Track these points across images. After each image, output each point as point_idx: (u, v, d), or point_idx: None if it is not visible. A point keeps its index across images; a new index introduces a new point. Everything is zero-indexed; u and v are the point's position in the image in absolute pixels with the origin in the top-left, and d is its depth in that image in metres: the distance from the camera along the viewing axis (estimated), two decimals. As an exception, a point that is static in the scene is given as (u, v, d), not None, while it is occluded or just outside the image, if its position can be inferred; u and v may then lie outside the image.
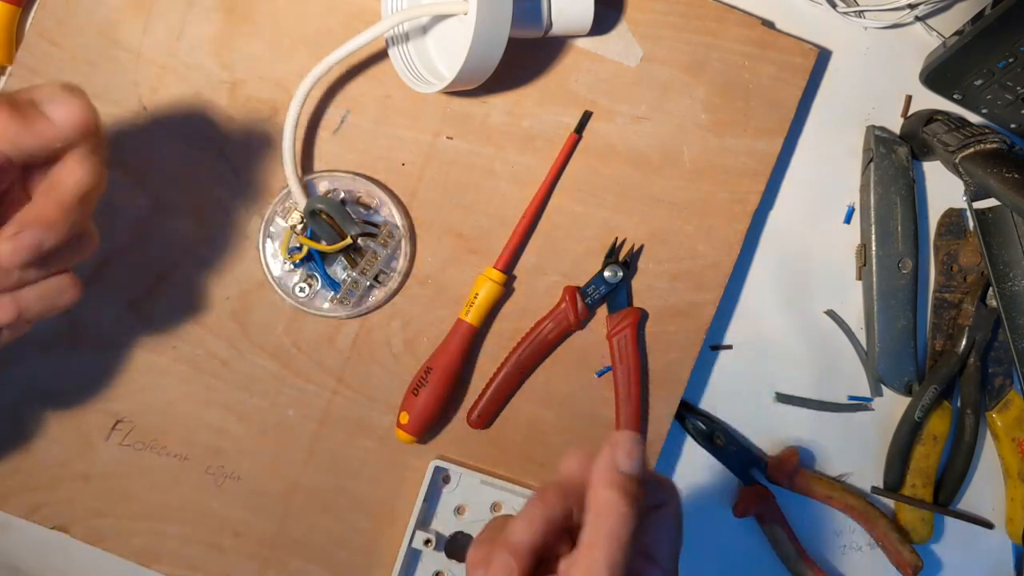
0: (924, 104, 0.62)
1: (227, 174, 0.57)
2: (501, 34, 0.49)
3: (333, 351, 0.57)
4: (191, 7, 0.56)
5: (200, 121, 0.57)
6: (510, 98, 0.57)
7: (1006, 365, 0.63)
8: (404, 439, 0.56)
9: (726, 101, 0.58)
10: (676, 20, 0.58)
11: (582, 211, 0.58)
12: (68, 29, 0.56)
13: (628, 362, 0.57)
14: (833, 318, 0.63)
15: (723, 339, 0.62)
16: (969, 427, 0.62)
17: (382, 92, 0.57)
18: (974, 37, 0.54)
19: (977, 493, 0.65)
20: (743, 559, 0.63)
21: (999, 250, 0.61)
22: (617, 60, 0.58)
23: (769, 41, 0.58)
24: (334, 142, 0.57)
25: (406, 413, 0.56)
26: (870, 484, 0.63)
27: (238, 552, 0.58)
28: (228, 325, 0.57)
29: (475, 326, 0.56)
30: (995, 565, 0.65)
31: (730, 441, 0.62)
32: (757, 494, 0.61)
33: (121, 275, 0.57)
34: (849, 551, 0.64)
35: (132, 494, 0.57)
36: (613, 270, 0.57)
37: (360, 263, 0.56)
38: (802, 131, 0.62)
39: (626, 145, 0.58)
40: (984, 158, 0.56)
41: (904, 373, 0.62)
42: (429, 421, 0.56)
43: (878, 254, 0.61)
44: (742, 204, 0.58)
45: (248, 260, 0.57)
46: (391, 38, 0.55)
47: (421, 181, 0.57)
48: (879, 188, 0.60)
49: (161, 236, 0.57)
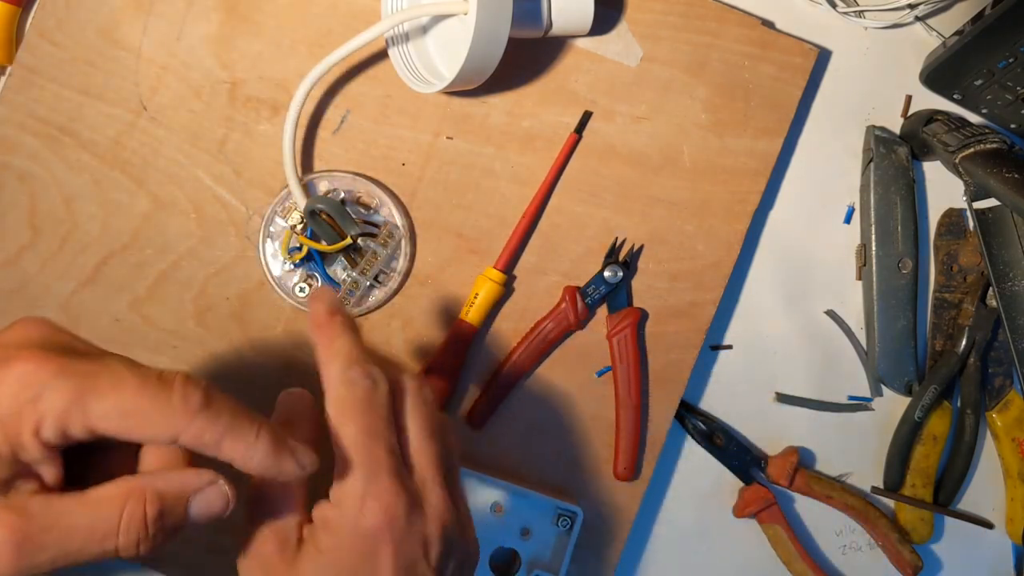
0: (924, 104, 0.62)
1: (227, 174, 0.57)
2: (501, 34, 0.49)
3: (333, 351, 0.57)
4: (191, 7, 0.56)
5: (200, 121, 0.57)
6: (510, 98, 0.57)
7: (1006, 365, 0.63)
8: None
9: (726, 101, 0.58)
10: (676, 20, 0.58)
11: (582, 211, 0.58)
12: (68, 29, 0.56)
13: (628, 362, 0.57)
14: (833, 318, 0.63)
15: (723, 339, 0.62)
16: (969, 427, 0.62)
17: (382, 92, 0.57)
18: (974, 37, 0.54)
19: (977, 493, 0.65)
20: (743, 559, 0.63)
21: (999, 250, 0.61)
22: (617, 60, 0.58)
23: (769, 41, 0.58)
24: (334, 142, 0.57)
25: None
26: (870, 484, 0.63)
27: (238, 552, 0.58)
28: (228, 325, 0.57)
29: (475, 326, 0.56)
30: (995, 565, 0.65)
31: (730, 441, 0.62)
32: (757, 494, 0.61)
33: (121, 275, 0.57)
34: (849, 551, 0.64)
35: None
36: (613, 270, 0.57)
37: (360, 263, 0.56)
38: (802, 131, 0.62)
39: (626, 145, 0.58)
40: (984, 158, 0.56)
41: (904, 373, 0.62)
42: None
43: (878, 254, 0.61)
44: (742, 204, 0.58)
45: (248, 260, 0.57)
46: (391, 38, 0.55)
47: (421, 181, 0.57)
48: (879, 188, 0.60)
49: (161, 236, 0.57)
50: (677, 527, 0.63)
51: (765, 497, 0.61)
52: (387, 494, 0.38)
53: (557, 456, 0.58)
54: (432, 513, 0.39)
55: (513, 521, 0.58)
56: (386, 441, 0.39)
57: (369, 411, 0.39)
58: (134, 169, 0.57)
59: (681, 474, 0.63)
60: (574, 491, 0.59)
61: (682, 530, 0.63)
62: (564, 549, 0.56)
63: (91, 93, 0.56)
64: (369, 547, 0.38)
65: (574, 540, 0.56)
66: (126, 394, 0.33)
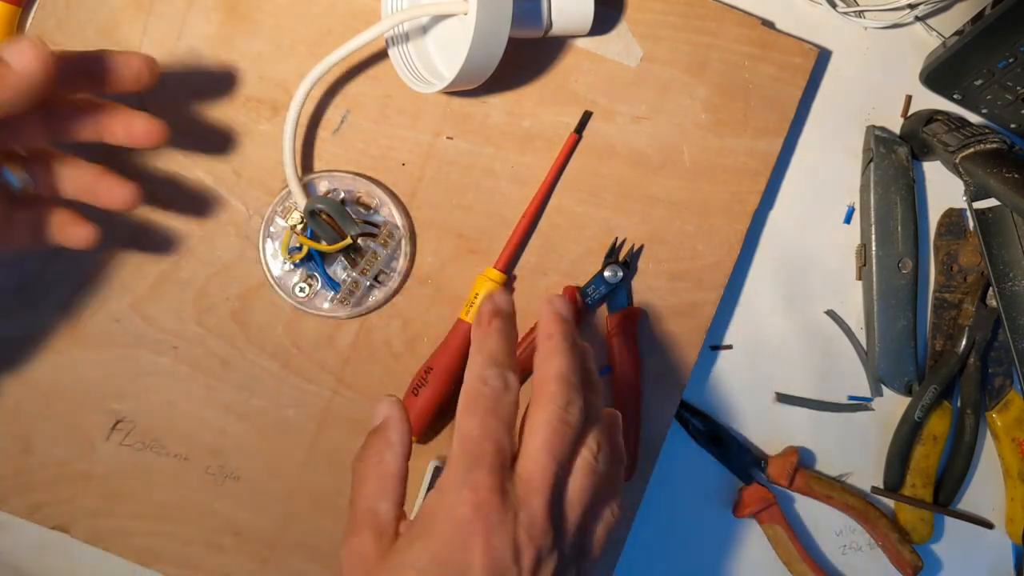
0: (924, 104, 0.62)
1: (227, 174, 0.57)
2: (501, 34, 0.49)
3: (333, 351, 0.57)
4: (191, 7, 0.56)
5: (200, 121, 0.57)
6: (510, 98, 0.57)
7: (1006, 365, 0.63)
8: None
9: (726, 101, 0.58)
10: (676, 20, 0.58)
11: (582, 211, 0.58)
12: (68, 29, 0.56)
13: (627, 362, 0.57)
14: (833, 318, 0.63)
15: (723, 339, 0.62)
16: (969, 427, 0.62)
17: (382, 92, 0.57)
18: (974, 37, 0.54)
19: (977, 493, 0.65)
20: (743, 559, 0.63)
21: (999, 250, 0.61)
22: (617, 60, 0.58)
23: (769, 41, 0.58)
24: (334, 142, 0.57)
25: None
26: (870, 484, 0.64)
27: (238, 552, 0.58)
28: (228, 325, 0.57)
29: None
30: (995, 565, 0.65)
31: (730, 441, 0.62)
32: (757, 494, 0.61)
33: (121, 275, 0.57)
34: (849, 551, 0.64)
35: (133, 494, 0.57)
36: (613, 270, 0.57)
37: (360, 263, 0.56)
38: (802, 131, 0.62)
39: (626, 145, 0.58)
40: (984, 158, 0.56)
41: (904, 373, 0.62)
42: (429, 421, 0.56)
43: (878, 254, 0.61)
44: (742, 204, 0.59)
45: (248, 260, 0.57)
46: (391, 38, 0.55)
47: (421, 181, 0.57)
48: (879, 188, 0.60)
49: (161, 236, 0.57)
50: (677, 527, 0.63)
51: (765, 497, 0.61)
52: (483, 486, 0.38)
53: (557, 456, 0.58)
54: (525, 521, 0.39)
55: (513, 521, 0.58)
56: (497, 440, 0.40)
57: (492, 410, 0.40)
58: (134, 169, 0.57)
59: (681, 474, 0.63)
60: (574, 491, 0.59)
61: (682, 530, 0.63)
62: (564, 549, 0.56)
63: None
64: (461, 536, 0.38)
65: (574, 540, 0.56)
66: None
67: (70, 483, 0.57)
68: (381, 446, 0.43)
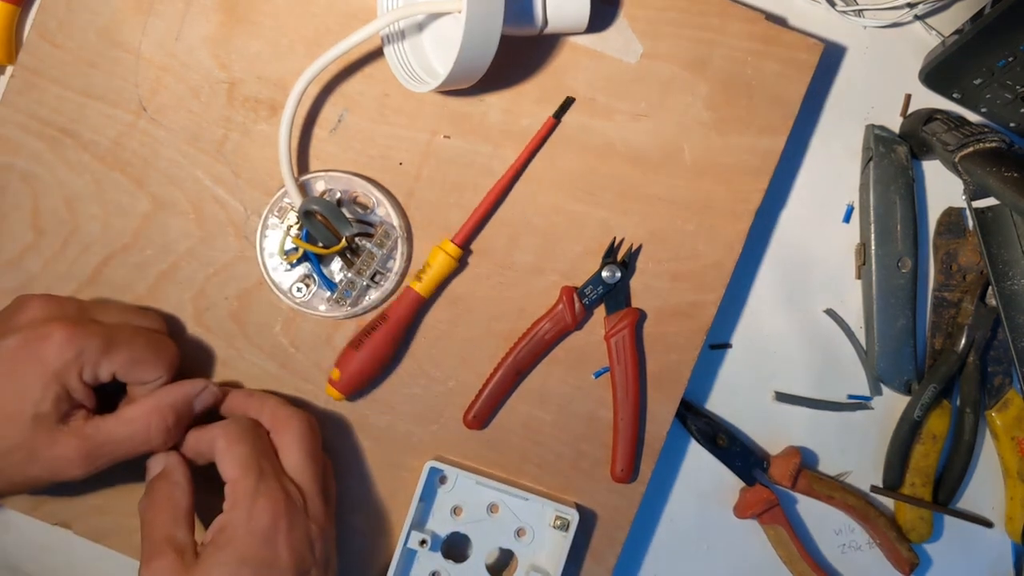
0: (923, 103, 0.61)
1: (226, 174, 0.57)
2: (493, 32, 0.49)
3: (330, 351, 0.57)
4: (190, 7, 0.56)
5: (199, 121, 0.57)
6: (508, 96, 0.57)
7: (1005, 364, 0.63)
8: (333, 396, 0.56)
9: (729, 98, 0.57)
10: (677, 16, 0.57)
11: (580, 210, 0.58)
12: (68, 29, 0.56)
13: (626, 363, 0.57)
14: (833, 317, 0.63)
15: (723, 339, 0.62)
16: (968, 426, 0.62)
17: (379, 91, 0.57)
18: (974, 36, 0.54)
19: (976, 492, 0.65)
20: (743, 559, 0.64)
21: (998, 249, 0.61)
22: (616, 57, 0.57)
23: (773, 36, 0.57)
24: (331, 141, 0.57)
25: (338, 370, 0.56)
26: (869, 483, 0.63)
27: (238, 550, 0.58)
28: (227, 325, 0.57)
29: (424, 296, 0.56)
30: (994, 564, 0.65)
31: (733, 442, 0.62)
32: (760, 496, 0.61)
33: (122, 275, 0.57)
34: (849, 551, 0.64)
35: (134, 492, 0.57)
36: (611, 270, 0.57)
37: (356, 263, 0.56)
38: (801, 130, 0.62)
39: (625, 143, 0.58)
40: (983, 157, 0.55)
41: (903, 372, 0.62)
42: (362, 381, 0.56)
43: (878, 253, 0.61)
44: (744, 203, 0.58)
45: (246, 260, 0.57)
46: (387, 37, 0.55)
47: (418, 180, 0.57)
48: (879, 187, 0.60)
49: (161, 236, 0.57)
50: (678, 527, 0.63)
51: (768, 499, 0.61)
52: (276, 492, 0.48)
53: (554, 458, 0.59)
54: (315, 516, 0.49)
55: (510, 522, 0.58)
56: (271, 459, 0.50)
57: (256, 437, 0.50)
58: (134, 170, 0.57)
59: (683, 474, 0.63)
60: (571, 493, 0.59)
61: (683, 530, 0.63)
62: (560, 551, 0.56)
63: (92, 94, 0.57)
64: (266, 535, 0.47)
65: (570, 542, 0.56)
66: (136, 348, 0.50)
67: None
68: (168, 488, 0.50)
